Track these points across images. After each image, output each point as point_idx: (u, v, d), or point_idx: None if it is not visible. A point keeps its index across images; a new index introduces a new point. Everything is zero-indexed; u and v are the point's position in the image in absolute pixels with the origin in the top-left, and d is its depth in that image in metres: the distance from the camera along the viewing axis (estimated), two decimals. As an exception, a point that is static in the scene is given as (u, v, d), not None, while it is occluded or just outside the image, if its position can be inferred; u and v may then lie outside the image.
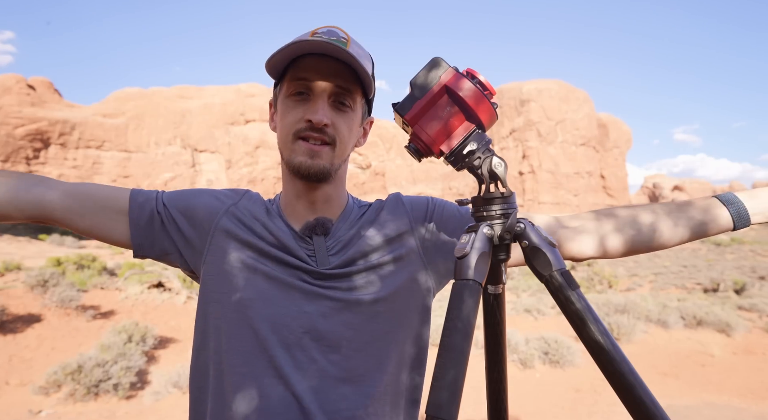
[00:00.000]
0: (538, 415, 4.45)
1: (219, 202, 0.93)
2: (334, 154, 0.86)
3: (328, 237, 0.89)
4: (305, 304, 0.85)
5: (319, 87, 0.84)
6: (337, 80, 0.84)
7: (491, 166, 0.77)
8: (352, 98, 0.86)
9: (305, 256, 0.87)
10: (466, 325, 0.67)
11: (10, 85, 68.03)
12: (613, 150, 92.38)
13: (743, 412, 4.64)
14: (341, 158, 0.88)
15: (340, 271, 0.87)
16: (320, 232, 0.89)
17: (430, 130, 0.79)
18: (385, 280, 0.89)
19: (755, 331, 7.56)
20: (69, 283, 8.69)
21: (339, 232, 0.91)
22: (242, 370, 0.83)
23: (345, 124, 0.86)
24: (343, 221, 0.92)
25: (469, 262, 0.71)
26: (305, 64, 0.84)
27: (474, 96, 0.77)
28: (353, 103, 0.87)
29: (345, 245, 0.89)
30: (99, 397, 5.01)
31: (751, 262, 22.42)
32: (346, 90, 0.85)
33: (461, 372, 0.65)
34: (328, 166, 0.85)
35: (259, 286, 0.85)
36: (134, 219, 0.89)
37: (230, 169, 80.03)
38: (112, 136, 76.33)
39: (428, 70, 0.79)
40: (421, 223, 0.94)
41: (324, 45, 0.80)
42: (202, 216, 0.91)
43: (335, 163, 0.87)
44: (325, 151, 0.85)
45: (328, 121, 0.83)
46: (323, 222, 0.89)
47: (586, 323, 0.70)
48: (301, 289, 0.85)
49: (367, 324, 0.86)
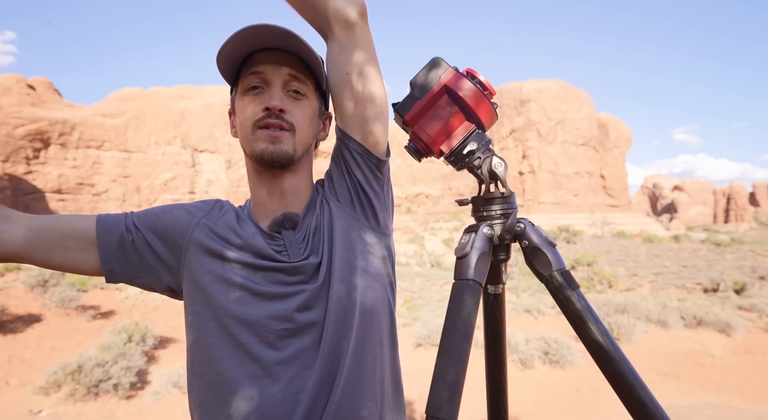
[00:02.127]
0: (538, 415, 4.45)
1: (190, 215, 0.92)
2: (295, 140, 0.87)
3: (296, 230, 0.90)
4: (280, 303, 0.85)
5: (273, 77, 0.86)
6: (289, 69, 0.87)
7: (491, 166, 0.77)
8: (307, 87, 0.89)
9: (274, 253, 0.87)
10: (466, 325, 0.67)
11: (9, 85, 67.99)
12: (613, 150, 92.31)
13: (743, 412, 4.64)
14: (303, 146, 0.89)
15: (314, 260, 0.87)
16: (288, 226, 0.89)
17: (430, 130, 0.79)
18: (356, 260, 0.89)
19: (755, 331, 7.56)
20: (69, 283, 8.69)
21: (305, 222, 0.92)
22: (231, 375, 0.83)
23: (301, 112, 0.88)
24: (309, 212, 0.93)
25: (469, 262, 0.71)
26: (256, 59, 0.87)
27: (474, 96, 0.77)
28: (308, 91, 0.89)
29: (313, 234, 0.90)
30: (99, 397, 5.01)
31: (751, 262, 22.40)
32: (298, 78, 0.88)
33: (461, 372, 0.65)
34: (290, 152, 0.86)
35: (234, 294, 0.85)
36: (103, 244, 0.87)
37: (230, 169, 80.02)
38: (112, 136, 76.29)
39: (428, 70, 0.79)
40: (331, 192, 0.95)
41: (272, 29, 0.82)
42: (174, 232, 0.90)
43: (297, 150, 0.88)
44: (285, 136, 0.86)
45: (283, 106, 0.85)
46: (290, 216, 0.90)
47: (586, 323, 0.70)
48: (274, 290, 0.85)
49: (344, 305, 0.86)
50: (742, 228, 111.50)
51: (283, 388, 0.81)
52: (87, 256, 0.87)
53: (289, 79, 0.87)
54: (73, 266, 0.87)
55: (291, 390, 0.81)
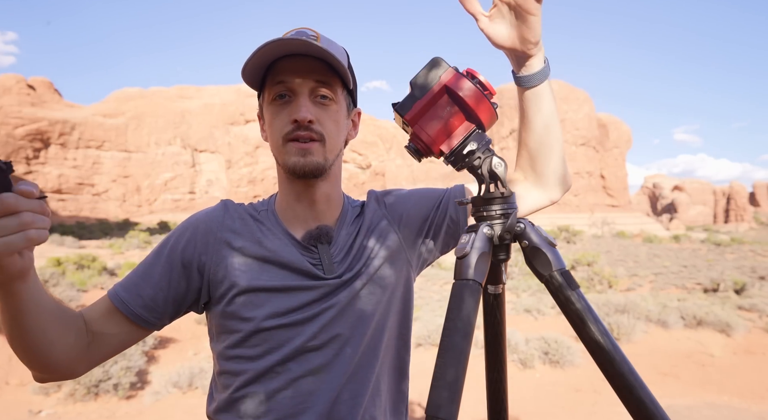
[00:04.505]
0: (538, 415, 4.45)
1: (197, 243, 0.89)
2: (326, 150, 0.86)
3: (331, 245, 0.91)
4: (312, 314, 0.87)
5: (298, 86, 0.85)
6: (314, 76, 0.85)
7: (491, 166, 0.76)
8: (333, 91, 0.87)
9: (310, 266, 0.88)
10: (466, 325, 0.67)
11: (10, 85, 68.03)
12: (613, 150, 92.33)
13: (743, 412, 4.63)
14: (334, 153, 0.89)
15: (347, 278, 0.89)
16: (325, 241, 0.90)
17: (430, 130, 0.79)
18: (383, 283, 0.92)
19: (755, 331, 7.56)
20: (69, 283, 8.69)
21: (340, 238, 0.92)
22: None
23: (330, 119, 0.87)
24: (342, 226, 0.94)
25: (469, 261, 0.71)
26: (281, 67, 0.85)
27: (474, 96, 0.77)
28: (335, 96, 0.88)
29: (347, 252, 0.91)
30: (99, 397, 5.01)
31: (751, 262, 22.40)
32: (325, 83, 0.86)
33: (461, 372, 0.65)
34: (322, 162, 0.86)
35: (269, 310, 0.86)
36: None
37: (230, 169, 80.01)
38: (112, 136, 76.30)
39: (428, 70, 0.79)
40: (397, 218, 0.98)
41: (293, 42, 0.81)
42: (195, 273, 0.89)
43: (329, 159, 0.88)
44: (315, 147, 0.85)
45: (312, 117, 0.84)
46: (326, 231, 0.91)
47: (586, 323, 0.70)
48: (306, 303, 0.87)
49: (366, 322, 0.90)
50: (742, 228, 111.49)
51: (303, 394, 0.85)
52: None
53: (315, 85, 0.85)
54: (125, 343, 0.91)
55: (313, 398, 0.85)
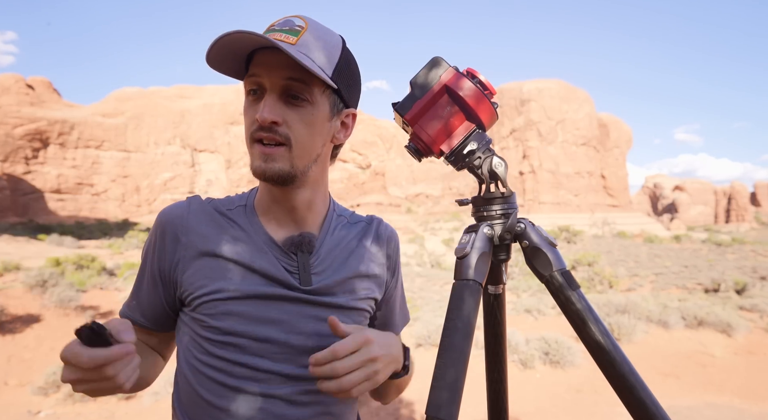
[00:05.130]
0: (538, 415, 4.44)
1: (165, 250, 0.86)
2: (293, 155, 0.78)
3: (312, 254, 0.86)
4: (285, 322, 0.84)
5: (268, 82, 0.77)
6: (286, 72, 0.76)
7: (491, 165, 0.76)
8: (308, 90, 0.77)
9: (286, 274, 0.83)
10: (466, 325, 0.67)
11: (8, 84, 68.02)
12: (613, 150, 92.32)
13: (744, 413, 4.63)
14: (305, 159, 0.80)
15: (320, 294, 0.85)
16: (306, 250, 0.85)
17: (430, 130, 0.78)
18: (355, 306, 0.90)
19: (756, 331, 7.55)
20: (68, 284, 8.69)
21: (322, 249, 0.88)
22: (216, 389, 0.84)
23: (301, 121, 0.78)
24: (325, 235, 0.90)
25: (469, 262, 0.71)
26: (257, 59, 0.78)
27: (474, 96, 0.77)
28: (310, 96, 0.78)
29: (327, 267, 0.87)
30: (98, 397, 5.01)
31: (752, 262, 22.39)
32: (298, 81, 0.76)
33: (461, 372, 0.65)
34: (287, 169, 0.78)
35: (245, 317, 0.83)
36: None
37: (230, 169, 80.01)
38: (112, 135, 76.31)
39: (428, 70, 0.79)
40: (393, 272, 0.99)
41: (257, 39, 0.72)
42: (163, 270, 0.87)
43: (297, 165, 0.79)
44: (279, 152, 0.77)
45: (275, 118, 0.76)
46: (309, 239, 0.86)
47: (586, 323, 0.69)
48: (287, 306, 0.84)
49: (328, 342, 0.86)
50: (743, 228, 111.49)
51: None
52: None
53: (286, 84, 0.76)
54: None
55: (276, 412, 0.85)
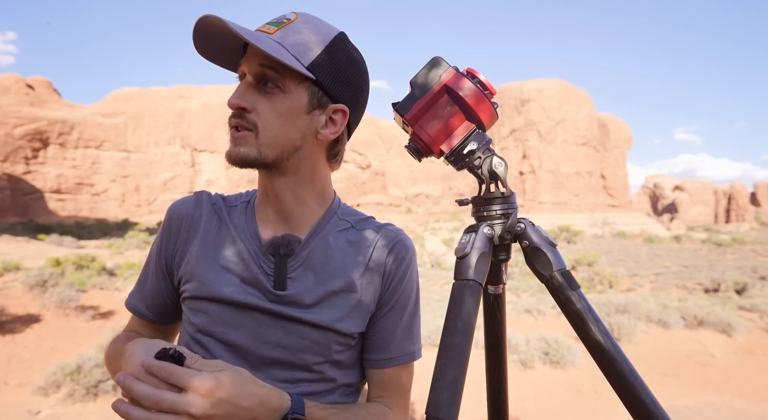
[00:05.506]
0: (539, 415, 4.44)
1: (163, 242, 0.91)
2: (259, 142, 0.79)
3: (292, 257, 0.84)
4: (254, 323, 0.83)
5: (247, 69, 0.79)
6: (261, 59, 0.77)
7: (491, 165, 0.76)
8: (281, 79, 0.78)
9: (260, 275, 0.83)
10: (467, 325, 0.67)
11: (8, 84, 68.02)
12: (613, 150, 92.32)
13: (744, 413, 4.63)
14: (275, 148, 0.80)
15: (293, 302, 0.83)
16: (283, 253, 0.84)
17: (430, 130, 0.78)
18: (332, 331, 0.84)
19: (756, 331, 7.56)
20: (68, 284, 8.69)
21: (305, 251, 0.85)
22: None
23: (271, 109, 0.79)
24: (312, 238, 0.86)
25: (469, 262, 0.71)
26: (247, 50, 0.81)
27: (474, 96, 0.77)
28: (283, 85, 0.78)
29: (306, 273, 0.84)
30: (98, 397, 5.01)
31: (752, 263, 22.39)
32: (271, 69, 0.77)
33: (461, 372, 0.65)
34: (253, 155, 0.79)
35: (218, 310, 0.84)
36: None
37: (230, 169, 79.89)
38: (112, 135, 76.31)
39: (428, 70, 0.79)
40: (392, 293, 0.89)
41: (227, 29, 0.73)
42: (168, 263, 0.91)
43: (265, 153, 0.79)
44: (246, 137, 0.79)
45: (242, 103, 0.78)
46: (290, 241, 0.84)
47: (586, 323, 0.69)
48: (256, 314, 0.83)
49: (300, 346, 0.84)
50: (743, 228, 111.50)
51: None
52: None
53: (260, 70, 0.77)
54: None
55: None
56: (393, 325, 0.88)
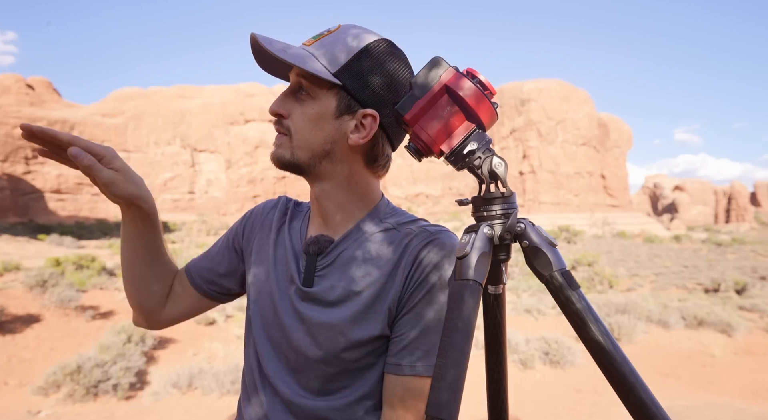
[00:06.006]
0: (539, 415, 4.45)
1: (255, 219, 1.02)
2: (293, 145, 0.85)
3: (321, 256, 0.89)
4: (284, 319, 0.89)
5: (291, 78, 0.87)
6: (296, 69, 0.84)
7: (491, 165, 0.76)
8: (311, 87, 0.84)
9: (294, 271, 0.90)
10: (467, 325, 0.67)
11: (8, 84, 68.04)
12: (613, 150, 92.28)
13: (744, 413, 4.63)
14: (305, 151, 0.85)
15: (316, 299, 0.87)
16: (312, 251, 0.89)
17: (430, 130, 0.78)
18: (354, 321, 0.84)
19: (756, 331, 7.57)
20: (68, 284, 8.69)
21: (335, 252, 0.88)
22: (250, 379, 0.93)
23: (301, 115, 0.85)
24: (345, 239, 0.89)
25: (469, 262, 0.70)
26: None
27: (474, 95, 0.77)
28: (312, 92, 0.84)
29: (334, 272, 0.87)
30: (98, 397, 5.01)
31: (752, 263, 22.40)
32: (305, 78, 0.84)
33: (461, 372, 0.65)
34: (288, 157, 0.86)
35: (260, 304, 0.94)
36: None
37: (230, 169, 79.99)
38: (112, 135, 76.31)
39: (428, 70, 0.79)
40: (408, 299, 0.84)
41: (258, 44, 0.82)
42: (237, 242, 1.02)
43: (298, 156, 0.86)
44: (283, 140, 0.86)
45: (280, 110, 0.86)
46: (321, 241, 0.89)
47: (586, 323, 0.69)
48: (283, 307, 0.90)
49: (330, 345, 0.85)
50: (743, 228, 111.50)
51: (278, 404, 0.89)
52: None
53: (297, 79, 0.85)
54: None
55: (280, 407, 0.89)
56: (405, 329, 0.83)
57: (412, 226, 0.88)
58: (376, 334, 0.83)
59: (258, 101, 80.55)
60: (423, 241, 0.84)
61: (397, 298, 0.83)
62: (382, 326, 0.83)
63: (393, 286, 0.83)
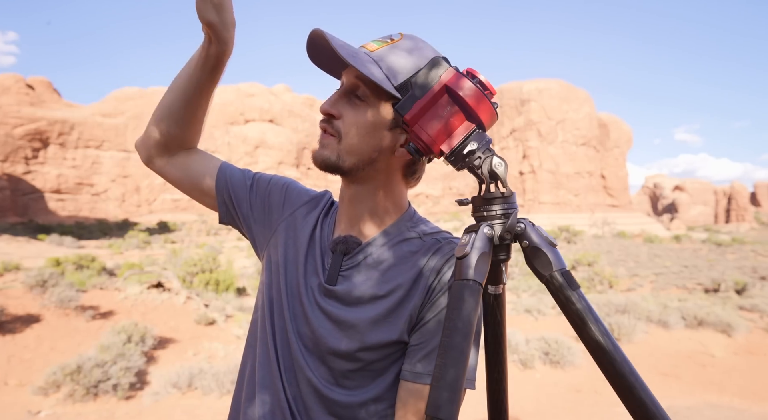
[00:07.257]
0: (539, 415, 4.45)
1: (295, 200, 1.01)
2: (340, 148, 0.84)
3: (348, 256, 0.89)
4: (305, 315, 0.89)
5: (345, 79, 0.86)
6: (355, 72, 0.82)
7: (491, 165, 0.76)
8: (368, 93, 0.83)
9: (319, 267, 0.90)
10: (466, 325, 0.67)
11: (8, 84, 68.05)
12: (613, 150, 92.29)
13: (744, 413, 4.63)
14: (353, 155, 0.85)
15: (339, 298, 0.87)
16: (339, 250, 0.89)
17: (430, 130, 0.78)
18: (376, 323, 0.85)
19: (756, 331, 7.57)
20: (68, 284, 8.68)
21: (362, 254, 0.89)
22: (260, 373, 0.91)
23: (354, 119, 0.84)
24: (372, 244, 0.89)
25: (469, 262, 0.70)
26: None
27: (474, 96, 0.77)
28: (368, 98, 0.83)
29: (359, 273, 0.88)
30: (98, 397, 5.01)
31: (752, 262, 22.41)
32: (363, 82, 0.82)
33: (461, 372, 0.65)
34: (333, 159, 0.85)
35: (275, 291, 0.93)
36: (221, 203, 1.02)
37: (230, 169, 79.91)
38: (111, 135, 76.32)
39: (428, 70, 0.79)
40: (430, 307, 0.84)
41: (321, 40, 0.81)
42: (277, 207, 1.00)
43: (343, 159, 0.85)
44: (330, 141, 0.85)
45: (332, 110, 0.84)
46: (349, 241, 0.90)
47: (586, 323, 0.69)
48: (308, 299, 0.90)
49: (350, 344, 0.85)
50: (743, 228, 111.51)
51: (287, 398, 0.88)
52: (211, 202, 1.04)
53: (353, 81, 0.83)
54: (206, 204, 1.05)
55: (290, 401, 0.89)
56: (425, 338, 0.83)
57: (437, 236, 0.90)
58: (395, 339, 0.84)
59: (258, 101, 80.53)
60: (448, 254, 0.86)
61: (419, 306, 0.84)
62: (401, 332, 0.84)
63: (416, 293, 0.84)
